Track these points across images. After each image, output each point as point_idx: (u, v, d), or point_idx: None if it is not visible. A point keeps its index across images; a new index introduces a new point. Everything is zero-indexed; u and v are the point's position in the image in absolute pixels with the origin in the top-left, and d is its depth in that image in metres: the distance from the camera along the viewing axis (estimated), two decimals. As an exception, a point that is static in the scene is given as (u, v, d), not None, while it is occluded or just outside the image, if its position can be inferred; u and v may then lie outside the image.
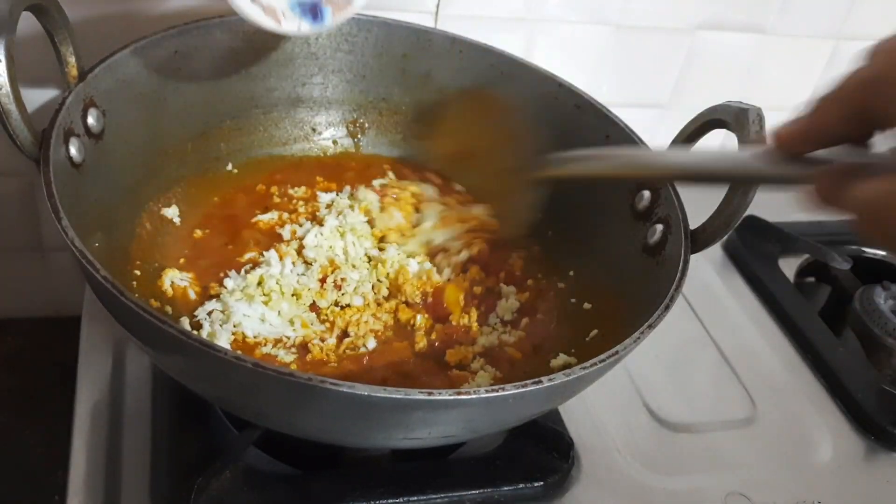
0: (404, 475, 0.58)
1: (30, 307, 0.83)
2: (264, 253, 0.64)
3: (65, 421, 0.60)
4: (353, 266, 0.65)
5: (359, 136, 0.77)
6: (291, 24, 0.58)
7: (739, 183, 0.55)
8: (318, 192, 0.71)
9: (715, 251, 0.89)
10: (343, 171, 0.74)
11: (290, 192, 0.71)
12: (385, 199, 0.69)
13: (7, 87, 0.47)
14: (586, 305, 0.65)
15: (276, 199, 0.70)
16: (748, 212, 0.56)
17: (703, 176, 0.52)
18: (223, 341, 0.57)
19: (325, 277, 0.64)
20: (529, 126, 0.65)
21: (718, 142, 0.98)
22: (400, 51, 0.73)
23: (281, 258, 0.64)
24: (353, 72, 0.74)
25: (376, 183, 0.72)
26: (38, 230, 0.79)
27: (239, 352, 0.41)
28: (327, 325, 0.62)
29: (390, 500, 0.56)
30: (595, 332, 0.62)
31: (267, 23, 0.56)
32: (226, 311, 0.59)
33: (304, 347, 0.60)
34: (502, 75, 0.72)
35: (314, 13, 0.59)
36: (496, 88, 0.72)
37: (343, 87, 0.75)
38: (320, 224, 0.67)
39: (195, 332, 0.45)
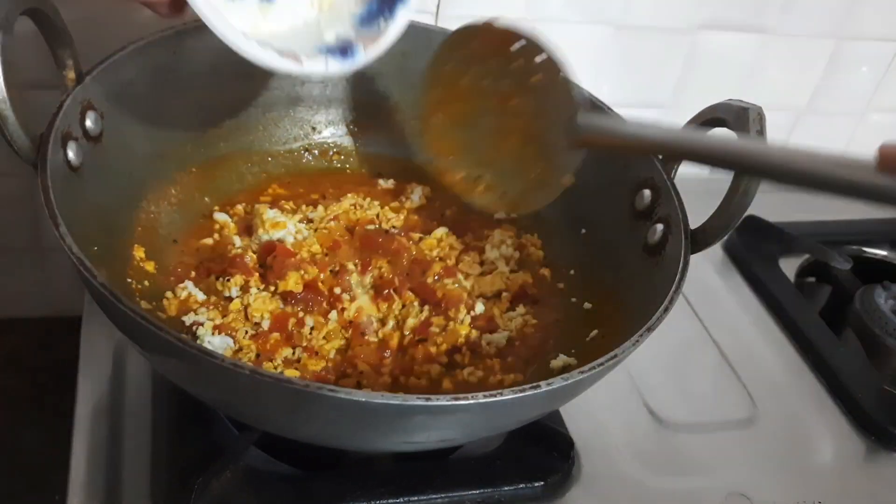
0: (404, 475, 0.58)
1: (30, 307, 0.83)
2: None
3: (65, 421, 0.60)
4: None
5: (358, 134, 0.76)
6: (316, 64, 0.55)
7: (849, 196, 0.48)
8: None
9: (715, 251, 0.89)
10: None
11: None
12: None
13: (3, 92, 0.46)
14: (586, 305, 0.65)
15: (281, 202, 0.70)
16: (748, 212, 0.56)
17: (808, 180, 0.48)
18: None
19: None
20: (560, 72, 0.56)
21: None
22: (399, 49, 0.72)
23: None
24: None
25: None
26: (37, 230, 0.79)
27: (237, 359, 0.40)
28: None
29: (390, 500, 0.56)
30: (595, 332, 0.62)
31: (285, 65, 0.53)
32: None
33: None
34: (502, 74, 0.71)
35: (343, 51, 0.57)
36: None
37: (343, 86, 0.74)
38: None
39: (193, 339, 0.45)
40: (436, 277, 0.65)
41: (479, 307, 0.64)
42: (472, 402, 0.40)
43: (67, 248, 0.43)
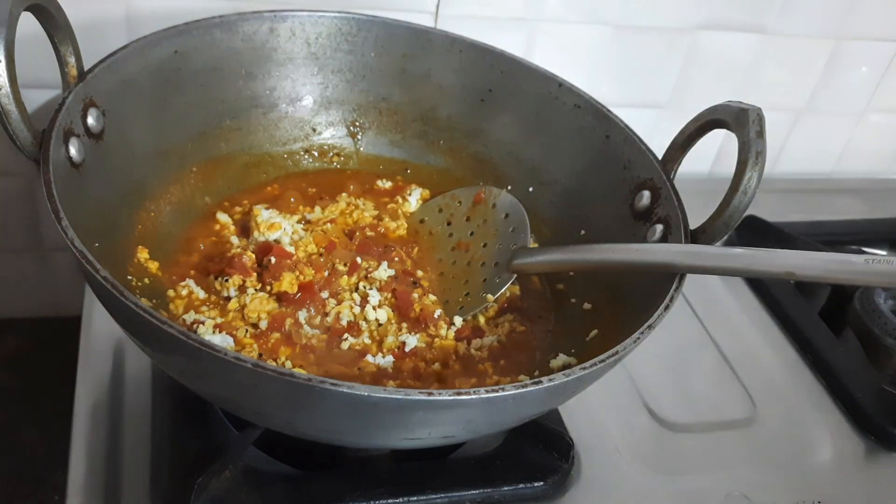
0: (404, 475, 0.58)
1: (30, 307, 0.83)
2: None
3: (65, 421, 0.60)
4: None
5: (359, 135, 0.76)
6: None
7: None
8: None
9: (715, 251, 0.89)
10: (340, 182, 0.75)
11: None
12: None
13: (7, 88, 0.47)
14: (586, 305, 0.65)
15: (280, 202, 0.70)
16: (748, 212, 0.56)
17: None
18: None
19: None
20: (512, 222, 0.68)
21: (718, 142, 0.99)
22: (400, 51, 0.73)
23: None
24: (353, 72, 0.74)
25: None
26: (38, 230, 0.79)
27: (239, 352, 0.40)
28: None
29: (390, 500, 0.56)
30: (595, 332, 0.62)
31: None
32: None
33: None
34: (502, 75, 0.72)
35: None
36: (496, 90, 0.72)
37: (343, 87, 0.74)
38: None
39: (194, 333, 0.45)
40: (420, 292, 0.65)
41: (458, 320, 0.64)
42: (474, 397, 0.40)
43: (70, 241, 0.43)
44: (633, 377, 0.72)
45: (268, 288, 0.61)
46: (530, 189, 0.72)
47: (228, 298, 0.61)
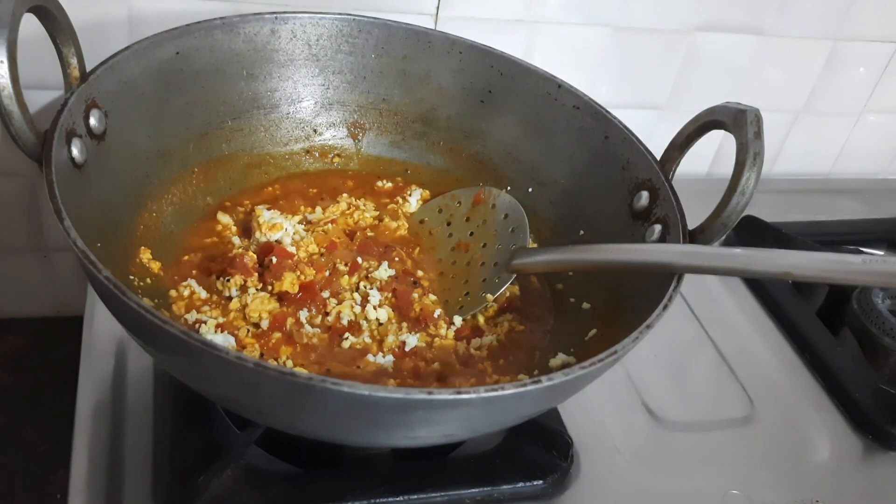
0: (404, 474, 0.58)
1: (32, 307, 0.84)
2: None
3: (66, 420, 0.60)
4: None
5: (359, 136, 0.77)
6: None
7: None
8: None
9: (713, 251, 0.89)
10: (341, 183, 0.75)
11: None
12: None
13: (9, 89, 0.47)
14: (585, 305, 0.65)
15: (281, 202, 0.71)
16: (747, 212, 0.57)
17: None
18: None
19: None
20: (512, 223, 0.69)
21: (717, 143, 0.99)
22: (400, 52, 0.73)
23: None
24: (353, 73, 0.74)
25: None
26: (40, 230, 0.79)
27: (241, 352, 0.41)
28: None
29: (390, 499, 0.56)
30: (594, 331, 0.62)
31: None
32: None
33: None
34: (502, 76, 0.72)
35: None
36: (495, 92, 0.73)
37: (344, 88, 0.75)
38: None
39: (196, 333, 0.45)
40: (420, 292, 0.65)
41: (458, 320, 0.64)
42: (473, 396, 0.41)
43: (72, 241, 0.43)
44: (631, 376, 0.72)
45: (269, 288, 0.62)
46: (530, 189, 0.72)
47: (230, 298, 0.61)
